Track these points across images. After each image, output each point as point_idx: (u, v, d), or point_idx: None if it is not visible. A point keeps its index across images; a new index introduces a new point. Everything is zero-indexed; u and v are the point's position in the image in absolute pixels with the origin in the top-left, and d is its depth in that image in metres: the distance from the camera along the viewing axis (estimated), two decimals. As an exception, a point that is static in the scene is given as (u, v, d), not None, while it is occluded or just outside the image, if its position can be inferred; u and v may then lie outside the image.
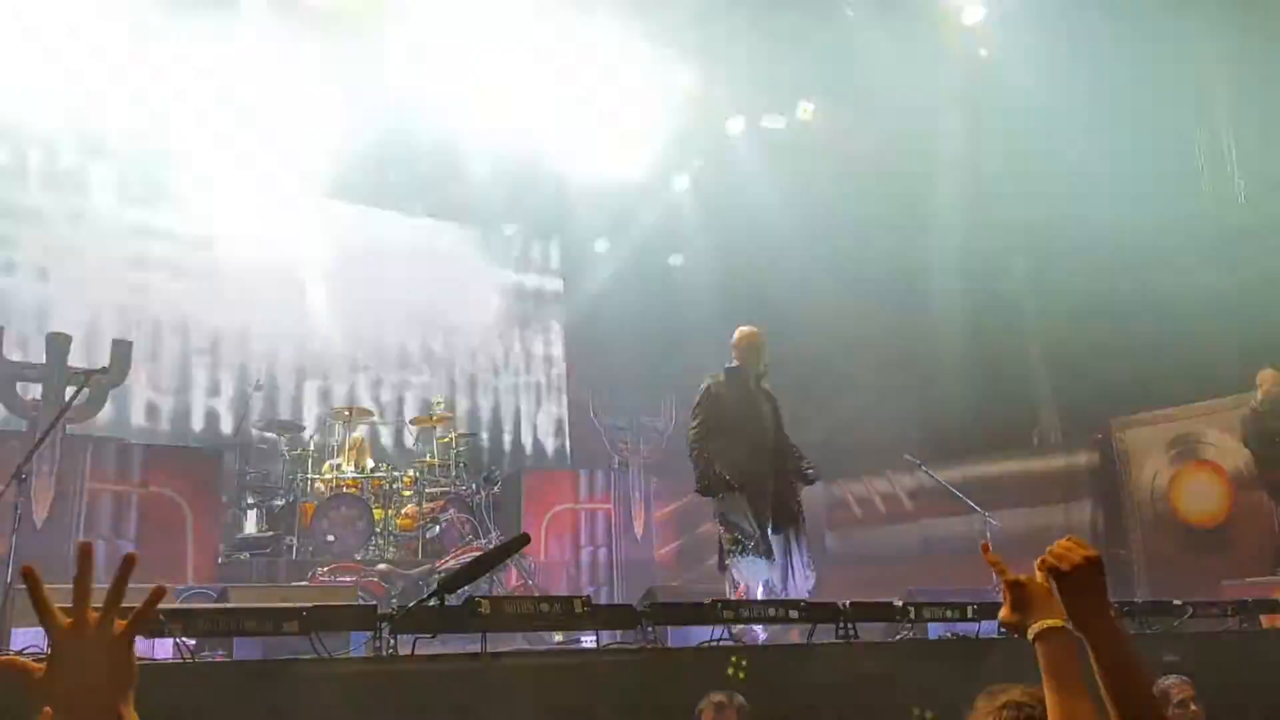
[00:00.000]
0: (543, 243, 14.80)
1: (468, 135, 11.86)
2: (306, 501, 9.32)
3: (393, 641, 3.79)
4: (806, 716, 4.21)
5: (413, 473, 9.97)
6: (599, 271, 14.57)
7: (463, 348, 13.93)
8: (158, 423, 11.48)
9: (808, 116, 12.64)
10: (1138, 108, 10.07)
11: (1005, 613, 1.66)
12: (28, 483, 5.91)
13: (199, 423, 11.79)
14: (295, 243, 12.56)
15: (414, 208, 13.54)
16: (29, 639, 4.14)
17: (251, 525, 9.75)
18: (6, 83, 9.94)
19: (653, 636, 4.40)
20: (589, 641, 5.18)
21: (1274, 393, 8.77)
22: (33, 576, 1.15)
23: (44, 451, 7.82)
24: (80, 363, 8.62)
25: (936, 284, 11.73)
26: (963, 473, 10.35)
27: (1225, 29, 9.75)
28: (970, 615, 5.18)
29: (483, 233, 14.21)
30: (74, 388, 5.82)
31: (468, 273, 14.10)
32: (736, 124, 12.78)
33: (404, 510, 9.64)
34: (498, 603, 4.11)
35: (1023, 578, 1.65)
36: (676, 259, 14.73)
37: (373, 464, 10.07)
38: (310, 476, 9.63)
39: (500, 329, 14.26)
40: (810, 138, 12.68)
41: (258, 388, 11.07)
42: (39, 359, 8.76)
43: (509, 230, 14.20)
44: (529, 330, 14.56)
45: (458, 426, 11.27)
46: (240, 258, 12.13)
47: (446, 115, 11.36)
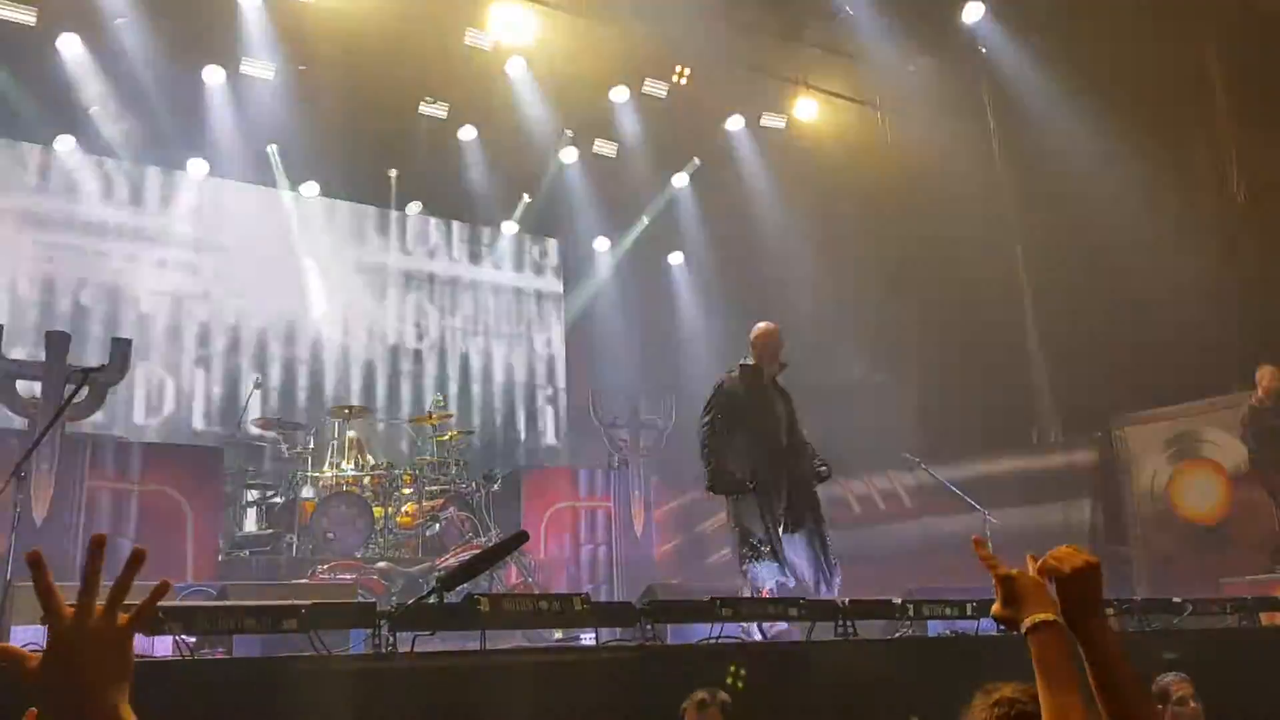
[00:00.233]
0: (542, 241, 14.79)
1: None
2: (306, 499, 9.32)
3: (392, 639, 3.78)
4: (805, 714, 4.21)
5: (412, 471, 9.98)
6: (598, 270, 14.57)
7: (461, 346, 13.92)
8: (157, 421, 11.47)
9: (807, 115, 12.64)
10: (1138, 105, 10.07)
11: (997, 608, 1.66)
12: (27, 481, 5.92)
13: (198, 421, 11.79)
14: (293, 238, 12.58)
15: (410, 205, 13.54)
16: (29, 636, 4.13)
17: (251, 523, 9.74)
18: None
19: (652, 634, 4.40)
20: (588, 639, 5.19)
21: (1273, 390, 8.77)
22: (39, 564, 1.14)
23: (43, 450, 7.82)
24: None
25: (936, 281, 11.73)
26: (962, 471, 10.35)
27: (1225, 27, 9.76)
28: (970, 613, 5.18)
29: (481, 231, 14.21)
30: (73, 385, 5.81)
31: (465, 271, 14.11)
32: (735, 122, 12.78)
33: (404, 508, 9.64)
34: (497, 600, 4.11)
35: (1014, 572, 1.65)
36: (676, 258, 14.74)
37: (372, 462, 10.06)
38: (310, 474, 9.63)
39: (498, 327, 14.25)
40: (810, 136, 12.69)
41: (257, 385, 11.07)
42: (38, 357, 8.76)
43: (509, 228, 14.19)
44: (529, 328, 14.55)
45: (457, 425, 11.26)
46: (241, 254, 12.15)
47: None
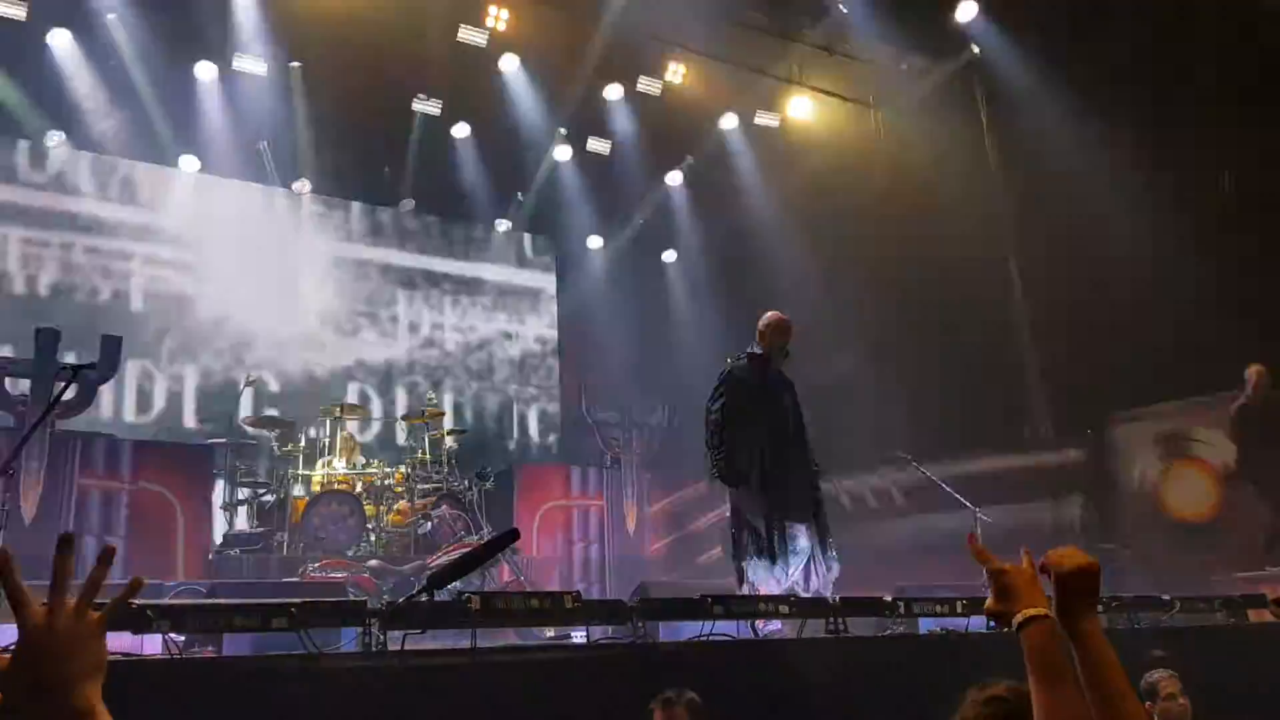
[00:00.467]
0: (535, 239, 14.79)
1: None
2: (297, 498, 9.31)
3: (382, 637, 3.78)
4: (796, 712, 4.21)
5: (404, 469, 9.97)
6: (591, 268, 14.57)
7: (454, 343, 13.91)
8: (148, 419, 11.44)
9: (800, 114, 12.66)
10: (1129, 104, 10.09)
11: (991, 603, 1.67)
12: (15, 479, 5.90)
13: (189, 419, 11.76)
14: (285, 235, 12.56)
15: (403, 202, 13.52)
16: (12, 635, 4.11)
17: (242, 521, 9.72)
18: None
19: (643, 632, 4.39)
20: (579, 637, 5.19)
21: (1262, 389, 8.81)
22: (7, 562, 1.13)
23: (32, 447, 7.81)
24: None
25: (928, 280, 11.75)
26: (954, 469, 10.36)
27: (1218, 27, 9.78)
28: (960, 610, 5.19)
29: (474, 228, 14.19)
30: (62, 383, 5.79)
31: (458, 269, 14.09)
32: (729, 121, 12.78)
33: (396, 506, 9.63)
34: (488, 598, 4.10)
35: (1007, 566, 1.66)
36: (669, 255, 14.75)
37: (364, 460, 10.05)
38: (302, 472, 9.61)
39: (492, 324, 14.23)
40: (803, 135, 12.70)
41: (249, 383, 11.04)
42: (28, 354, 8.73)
43: (502, 226, 14.18)
44: (522, 326, 14.54)
45: (449, 423, 11.25)
46: (233, 251, 12.12)
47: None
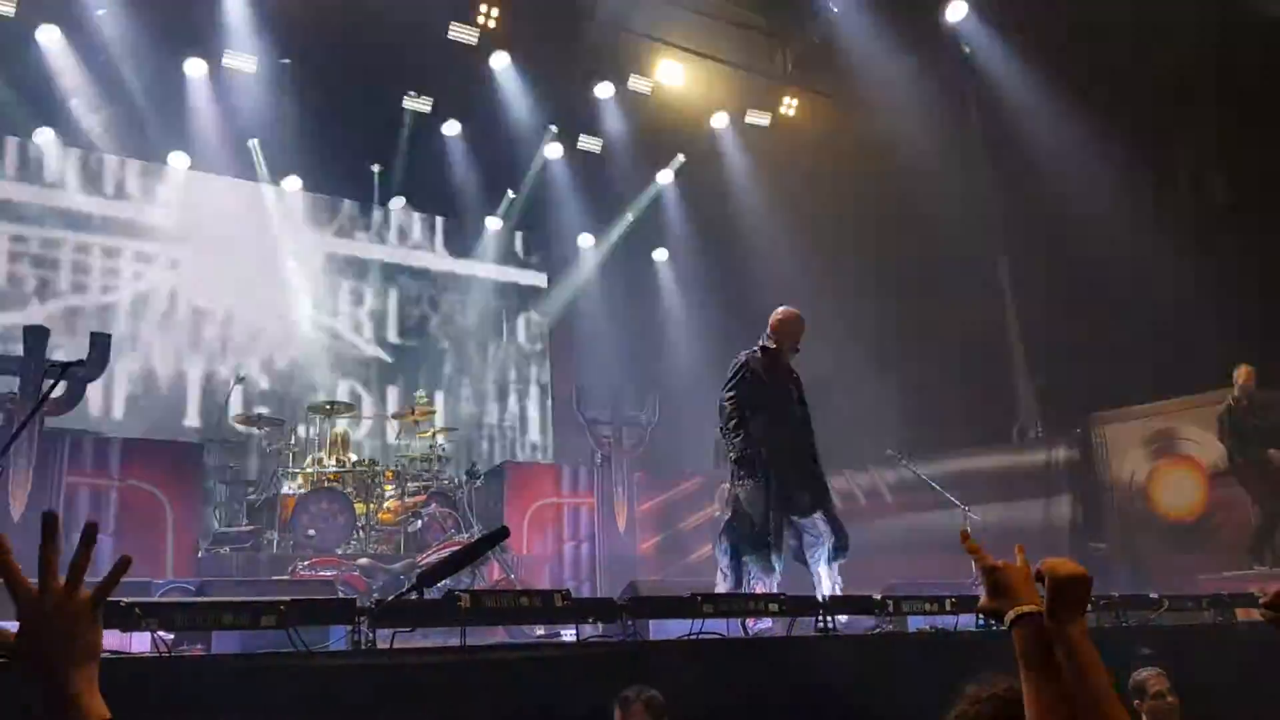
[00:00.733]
0: (526, 237, 14.77)
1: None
2: (287, 495, 9.28)
3: (372, 635, 3.77)
4: (786, 710, 4.22)
5: (394, 467, 9.95)
6: (582, 266, 14.57)
7: (445, 341, 13.89)
8: (137, 416, 11.40)
9: (791, 112, 12.67)
10: (1119, 105, 10.13)
11: (984, 600, 1.68)
12: (4, 476, 5.87)
13: (179, 417, 11.71)
14: (275, 233, 12.52)
15: (393, 199, 13.49)
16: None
17: (231, 519, 9.69)
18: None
19: (633, 630, 4.39)
20: (569, 635, 5.18)
21: (1250, 389, 8.85)
22: (2, 544, 1.16)
23: (21, 445, 7.78)
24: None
25: (918, 279, 11.78)
26: (944, 467, 10.40)
27: (1206, 28, 9.82)
28: (949, 609, 5.20)
29: (464, 226, 14.16)
30: (50, 380, 5.76)
31: (448, 267, 14.07)
32: (720, 119, 12.79)
33: (385, 504, 9.61)
34: (477, 596, 4.09)
35: (1000, 563, 1.67)
36: (660, 254, 14.75)
37: (354, 458, 10.03)
38: (291, 470, 9.59)
39: (482, 323, 14.22)
40: (794, 134, 12.71)
41: (238, 380, 11.01)
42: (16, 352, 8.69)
43: (493, 224, 14.15)
44: (512, 324, 14.53)
45: (440, 421, 11.23)
46: (222, 248, 12.08)
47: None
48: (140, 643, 3.77)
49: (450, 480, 9.84)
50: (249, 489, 9.68)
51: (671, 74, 11.97)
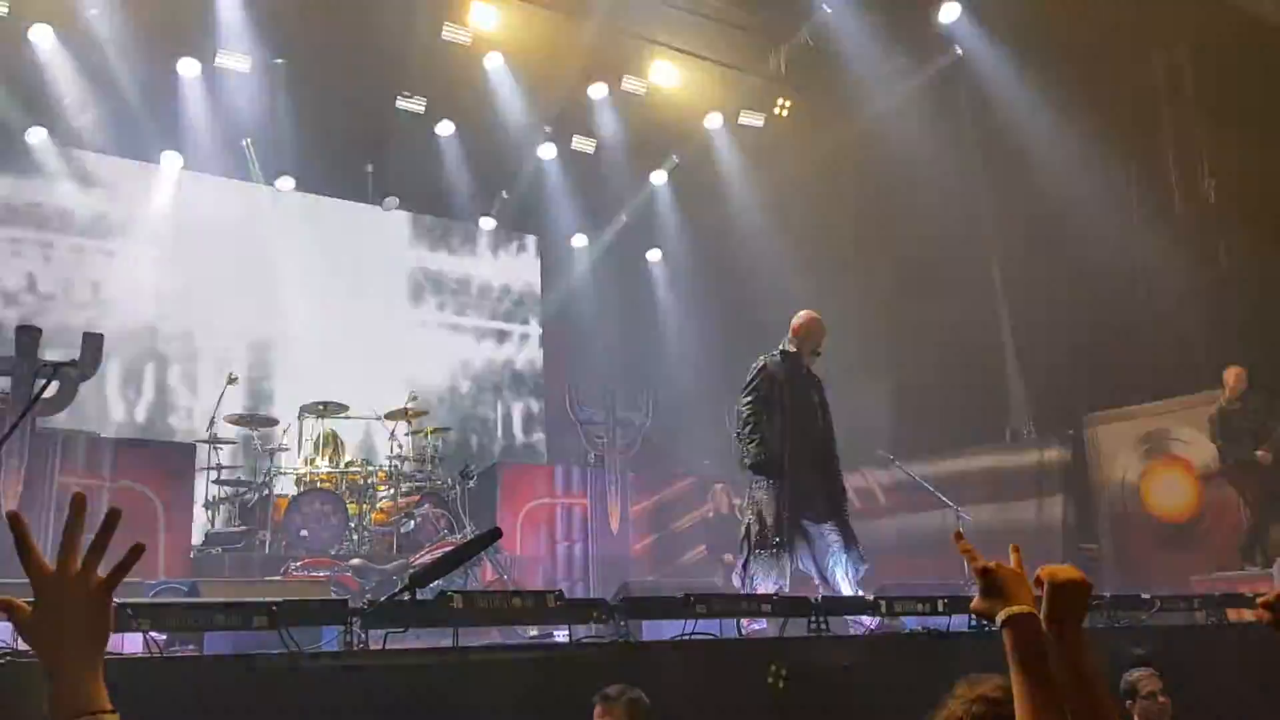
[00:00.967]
0: (520, 237, 14.75)
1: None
2: (280, 496, 9.26)
3: (364, 636, 3.77)
4: (776, 710, 4.23)
5: (387, 467, 9.93)
6: (576, 267, 14.56)
7: (438, 341, 13.87)
8: (129, 417, 11.37)
9: (785, 113, 12.67)
10: (1111, 105, 10.16)
11: (977, 600, 1.68)
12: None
13: (171, 417, 11.69)
14: (268, 233, 12.49)
15: (387, 199, 13.45)
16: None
17: (224, 520, 9.67)
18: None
19: (625, 631, 4.40)
20: (562, 636, 5.18)
21: (1240, 390, 8.89)
22: (19, 521, 1.20)
23: (12, 445, 7.75)
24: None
25: (911, 280, 11.79)
26: (936, 468, 10.43)
27: (1197, 29, 9.85)
28: (941, 609, 5.20)
29: (458, 226, 14.15)
30: (43, 380, 5.77)
31: (442, 267, 14.05)
32: (714, 120, 12.79)
33: (378, 505, 9.59)
34: (470, 597, 4.10)
35: (993, 564, 1.67)
36: (654, 255, 14.76)
37: (347, 458, 10.01)
38: (284, 471, 9.56)
39: (476, 323, 14.20)
40: (787, 135, 12.72)
41: (231, 381, 10.97)
42: (8, 352, 8.66)
43: (486, 224, 14.14)
44: (506, 324, 14.51)
45: (433, 421, 11.21)
46: (215, 248, 12.06)
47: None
48: (132, 643, 3.77)
49: (443, 481, 9.83)
50: (241, 489, 9.65)
51: (665, 75, 11.97)
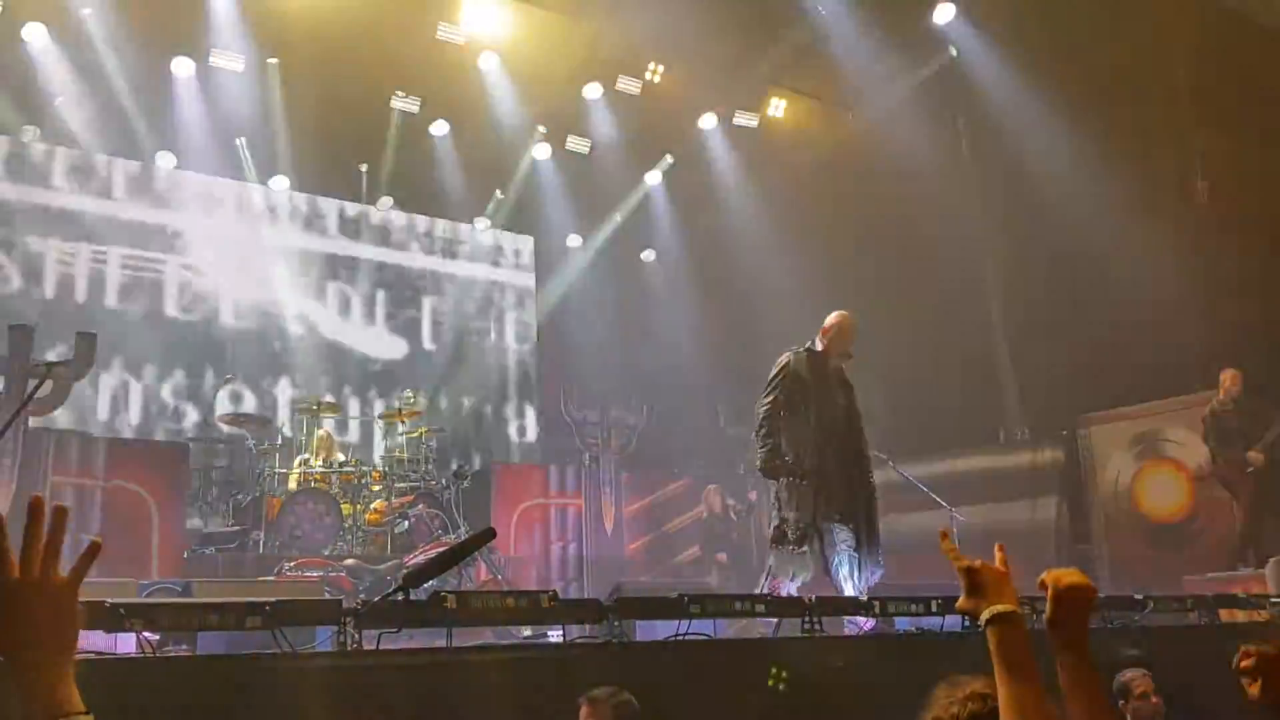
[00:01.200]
0: (514, 237, 14.74)
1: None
2: (273, 496, 9.24)
3: (358, 636, 3.76)
4: (770, 711, 4.23)
5: (381, 467, 9.92)
6: (571, 267, 14.56)
7: (432, 342, 13.86)
8: (123, 416, 11.34)
9: (779, 114, 12.69)
10: (1105, 107, 10.18)
11: (961, 600, 1.68)
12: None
13: (165, 417, 11.66)
14: (262, 233, 12.48)
15: (381, 199, 13.45)
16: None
17: (218, 520, 9.65)
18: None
19: (619, 631, 4.40)
20: (556, 636, 5.18)
21: (1234, 392, 8.91)
22: None
23: (5, 444, 7.73)
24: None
25: (905, 280, 11.81)
26: (930, 468, 10.43)
27: (1191, 31, 9.88)
28: (935, 610, 5.21)
29: (453, 226, 14.14)
30: (35, 380, 5.74)
31: (437, 267, 14.04)
32: (708, 120, 12.80)
33: (372, 505, 9.57)
34: (464, 597, 4.09)
35: (976, 564, 1.67)
36: (648, 255, 14.77)
37: (341, 458, 10.00)
38: (278, 471, 9.55)
39: (471, 323, 14.19)
40: (782, 135, 12.74)
41: (225, 381, 10.96)
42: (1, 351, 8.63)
43: (481, 224, 14.14)
44: (500, 325, 14.50)
45: (427, 421, 11.21)
46: (209, 248, 12.04)
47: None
48: (125, 643, 3.76)
49: (437, 481, 9.82)
50: (235, 489, 9.63)
51: (660, 75, 11.97)
